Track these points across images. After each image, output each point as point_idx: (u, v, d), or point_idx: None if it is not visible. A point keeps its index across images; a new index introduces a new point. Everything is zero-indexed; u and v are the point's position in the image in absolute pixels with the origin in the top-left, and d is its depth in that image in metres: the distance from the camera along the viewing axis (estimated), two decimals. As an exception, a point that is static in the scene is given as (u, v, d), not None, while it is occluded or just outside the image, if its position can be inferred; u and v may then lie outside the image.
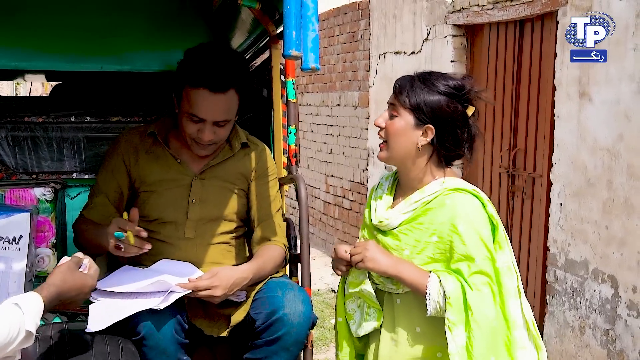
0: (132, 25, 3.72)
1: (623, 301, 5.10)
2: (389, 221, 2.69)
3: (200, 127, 2.91)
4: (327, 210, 10.20)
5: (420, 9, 7.64)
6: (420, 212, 2.63)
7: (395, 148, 2.66)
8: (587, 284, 5.43)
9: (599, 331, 5.34)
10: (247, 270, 2.85)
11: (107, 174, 3.08)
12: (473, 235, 2.54)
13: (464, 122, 2.63)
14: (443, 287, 2.53)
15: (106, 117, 3.71)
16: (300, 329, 2.77)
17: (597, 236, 5.29)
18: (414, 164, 2.66)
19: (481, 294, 2.51)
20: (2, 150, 3.56)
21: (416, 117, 2.60)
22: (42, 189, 3.35)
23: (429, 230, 2.60)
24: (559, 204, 5.68)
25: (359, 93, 9.15)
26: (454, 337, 2.51)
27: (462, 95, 2.61)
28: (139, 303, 2.67)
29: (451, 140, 2.62)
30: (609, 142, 5.17)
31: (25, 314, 1.93)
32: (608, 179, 5.19)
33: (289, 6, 2.20)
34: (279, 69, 3.26)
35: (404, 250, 2.64)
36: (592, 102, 5.32)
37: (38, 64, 3.95)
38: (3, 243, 2.78)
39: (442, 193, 2.61)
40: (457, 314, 2.51)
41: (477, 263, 2.53)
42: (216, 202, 3.06)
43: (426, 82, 2.62)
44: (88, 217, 3.06)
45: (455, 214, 2.56)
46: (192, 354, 2.82)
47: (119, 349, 2.62)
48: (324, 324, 7.27)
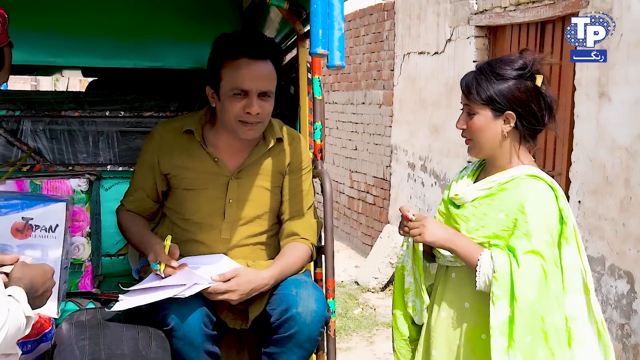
0: (165, 24, 3.74)
1: (639, 297, 5.07)
2: (464, 195, 2.71)
3: (246, 103, 2.82)
4: (351, 205, 10.20)
5: (444, 10, 7.61)
6: (495, 191, 2.64)
7: (483, 142, 2.67)
8: (604, 280, 5.40)
9: (615, 325, 5.31)
10: (268, 277, 2.81)
11: (143, 170, 3.06)
12: (538, 218, 2.53)
13: (538, 95, 2.63)
14: (494, 262, 2.53)
15: (139, 112, 3.72)
16: (312, 328, 2.75)
17: (614, 233, 5.26)
18: (500, 149, 2.66)
19: (526, 273, 2.50)
20: (40, 143, 3.59)
21: (492, 109, 2.61)
22: (77, 180, 3.36)
23: (498, 207, 2.61)
24: (577, 201, 5.65)
25: (384, 92, 9.13)
26: (496, 310, 2.51)
27: (527, 73, 2.61)
28: (165, 292, 2.68)
29: (532, 117, 2.62)
30: (627, 141, 5.13)
31: (21, 302, 1.95)
32: (626, 177, 5.16)
33: (316, 5, 2.20)
34: (306, 67, 3.26)
35: (470, 221, 2.66)
36: (611, 102, 5.28)
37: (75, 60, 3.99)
38: (40, 231, 2.80)
39: (520, 177, 2.62)
40: (502, 288, 2.51)
41: (533, 242, 2.52)
42: (253, 202, 2.99)
43: (491, 73, 2.62)
44: (129, 209, 3.08)
45: (527, 196, 2.56)
46: (220, 341, 2.83)
47: (149, 334, 2.64)
48: (347, 314, 7.28)
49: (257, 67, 2.84)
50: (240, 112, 2.84)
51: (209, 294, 2.71)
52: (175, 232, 2.95)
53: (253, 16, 3.70)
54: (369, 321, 7.13)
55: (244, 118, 2.85)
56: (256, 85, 2.83)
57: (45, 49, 3.68)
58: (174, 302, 2.66)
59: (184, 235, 2.96)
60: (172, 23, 3.73)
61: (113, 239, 3.44)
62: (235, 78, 2.82)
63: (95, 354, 2.46)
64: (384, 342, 6.44)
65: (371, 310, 7.46)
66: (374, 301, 7.73)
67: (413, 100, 8.39)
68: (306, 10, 3.07)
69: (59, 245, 2.78)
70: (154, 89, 3.89)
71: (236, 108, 2.84)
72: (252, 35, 2.96)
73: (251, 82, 2.82)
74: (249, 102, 2.82)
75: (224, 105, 2.87)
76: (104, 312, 2.80)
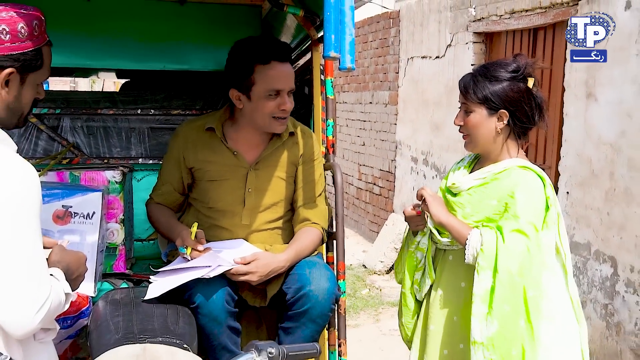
0: (191, 31, 3.73)
1: (621, 279, 5.05)
2: (460, 184, 2.73)
3: (279, 101, 2.87)
4: (359, 195, 10.19)
5: (444, 18, 7.58)
6: (488, 180, 2.66)
7: (478, 138, 2.68)
8: (590, 264, 5.38)
9: (599, 305, 5.29)
10: (284, 260, 2.82)
11: (170, 166, 3.06)
12: (527, 202, 2.55)
13: (529, 96, 2.65)
14: (482, 237, 2.55)
15: (168, 110, 3.72)
16: (324, 304, 2.76)
17: (600, 221, 5.24)
18: (494, 145, 2.68)
19: (510, 249, 2.51)
20: (78, 138, 3.60)
21: (487, 108, 2.63)
22: (112, 172, 3.37)
23: (491, 194, 2.64)
24: (566, 192, 5.63)
25: (389, 92, 9.11)
26: (480, 280, 2.53)
27: (520, 75, 2.63)
28: (191, 273, 2.69)
29: (523, 116, 2.64)
30: (611, 137, 5.12)
31: (60, 281, 1.96)
32: (610, 170, 5.14)
33: (329, 13, 2.19)
34: (319, 69, 3.25)
35: (466, 207, 2.68)
36: (597, 102, 5.26)
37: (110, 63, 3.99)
38: (78, 218, 2.81)
39: (512, 168, 2.64)
40: (487, 260, 2.53)
41: (520, 223, 2.53)
42: (269, 191, 3.00)
43: (486, 75, 2.64)
44: (158, 202, 3.08)
45: (517, 184, 2.58)
46: (240, 317, 2.84)
47: (177, 311, 2.65)
48: (356, 294, 7.29)
49: (285, 68, 2.89)
50: (275, 110, 2.88)
51: (231, 275, 2.73)
52: (200, 219, 2.96)
53: (271, 23, 3.69)
54: (375, 301, 7.13)
55: (278, 114, 2.90)
56: (287, 84, 2.89)
57: (83, 52, 3.68)
58: (200, 282, 2.67)
59: (208, 222, 2.98)
60: (198, 29, 3.72)
61: (144, 225, 3.45)
62: (270, 80, 2.85)
63: (128, 329, 2.47)
64: (389, 319, 6.45)
65: (377, 290, 7.46)
66: (380, 283, 7.74)
67: (416, 100, 8.37)
68: (320, 17, 3.06)
69: (96, 231, 2.79)
70: (181, 89, 3.89)
71: (271, 106, 2.88)
72: (274, 40, 3.01)
73: (283, 83, 2.87)
74: (282, 100, 2.88)
75: (257, 105, 2.88)
76: (136, 291, 2.80)
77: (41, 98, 2.09)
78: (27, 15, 1.96)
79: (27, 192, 1.85)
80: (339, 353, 2.92)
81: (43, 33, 2.02)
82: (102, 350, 2.32)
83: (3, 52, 1.92)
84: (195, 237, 2.79)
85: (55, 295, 1.90)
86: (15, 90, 1.97)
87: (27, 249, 1.84)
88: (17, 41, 1.93)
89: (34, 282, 1.84)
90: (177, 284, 2.67)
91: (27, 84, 2.00)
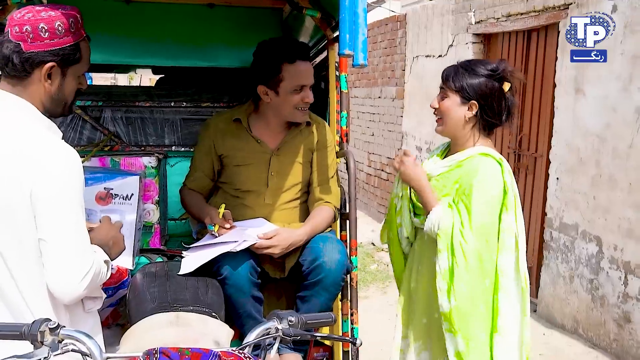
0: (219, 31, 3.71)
1: (606, 257, 5.02)
2: (431, 171, 2.75)
3: (303, 94, 2.90)
4: (368, 180, 10.17)
5: (447, 21, 7.52)
6: (453, 167, 2.67)
7: (448, 122, 2.68)
8: (577, 243, 5.35)
9: (585, 280, 5.26)
10: (303, 234, 2.84)
11: (201, 155, 3.07)
12: (482, 189, 2.55)
13: (501, 96, 2.64)
14: (440, 221, 2.57)
15: (198, 103, 3.71)
16: (336, 274, 2.77)
17: (586, 205, 5.21)
18: (462, 132, 2.67)
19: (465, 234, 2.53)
20: (118, 128, 3.60)
21: (461, 96, 2.63)
22: (148, 158, 3.37)
23: (454, 179, 2.64)
24: (556, 178, 5.59)
25: (396, 88, 9.07)
26: (439, 260, 2.58)
27: (497, 75, 2.62)
28: (220, 248, 2.69)
29: (491, 111, 2.64)
30: (597, 129, 5.08)
31: (97, 252, 1.97)
32: (596, 159, 5.10)
33: (344, 15, 2.18)
34: (334, 66, 3.23)
35: (434, 192, 2.68)
36: (585, 97, 5.22)
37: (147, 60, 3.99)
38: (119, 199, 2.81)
39: (474, 156, 2.63)
40: (443, 243, 2.57)
41: (472, 210, 2.54)
42: (289, 174, 3.02)
43: (467, 68, 2.65)
44: (191, 188, 3.08)
45: (477, 171, 2.58)
46: (263, 289, 2.84)
47: (207, 282, 2.65)
48: (365, 269, 7.28)
49: (308, 66, 2.94)
50: (300, 102, 2.92)
51: (255, 248, 2.74)
52: (227, 200, 2.98)
53: (290, 24, 3.66)
54: (382, 275, 7.12)
55: (301, 106, 2.93)
56: (309, 80, 2.93)
57: (123, 51, 3.68)
58: (226, 256, 2.68)
59: (235, 201, 2.99)
60: (225, 30, 3.70)
61: (177, 206, 3.45)
62: (296, 77, 2.87)
63: (163, 299, 2.47)
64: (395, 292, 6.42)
65: (385, 266, 7.45)
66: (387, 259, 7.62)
67: (420, 95, 8.32)
68: (335, 19, 3.04)
69: (134, 211, 2.78)
70: (209, 84, 3.88)
71: (296, 99, 2.91)
72: (297, 41, 3.03)
73: (307, 79, 2.91)
74: (305, 94, 2.91)
75: (284, 99, 2.91)
76: (170, 264, 2.81)
77: (84, 88, 2.09)
78: (64, 14, 1.96)
79: (70, 173, 1.87)
80: (351, 321, 2.92)
81: (80, 29, 2.01)
82: (140, 317, 2.33)
83: (44, 48, 1.93)
84: (222, 216, 2.81)
85: (97, 263, 1.92)
86: (58, 82, 1.98)
87: (72, 223, 1.86)
88: (55, 37, 1.94)
89: (79, 252, 1.86)
90: (208, 259, 2.67)
91: (69, 76, 2.00)
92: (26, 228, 1.83)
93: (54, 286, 1.85)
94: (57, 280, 1.84)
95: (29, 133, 1.88)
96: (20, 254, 1.85)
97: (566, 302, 5.50)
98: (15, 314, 1.86)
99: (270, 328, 1.74)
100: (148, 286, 2.58)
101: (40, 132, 1.91)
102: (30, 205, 1.82)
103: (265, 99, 2.95)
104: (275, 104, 2.94)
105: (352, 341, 1.92)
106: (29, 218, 1.83)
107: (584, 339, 5.28)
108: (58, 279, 1.84)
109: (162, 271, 2.72)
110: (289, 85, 2.88)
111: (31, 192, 1.82)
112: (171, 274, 2.68)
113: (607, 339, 5.03)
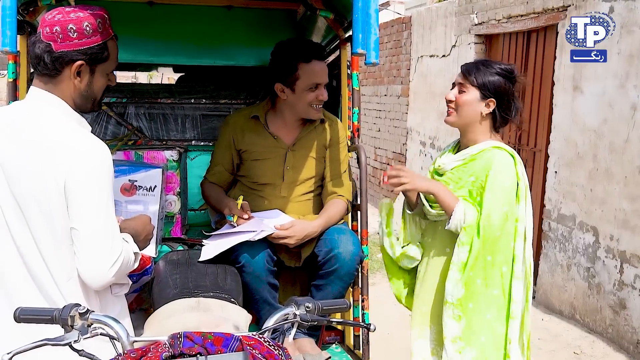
0: (236, 32, 3.69)
1: (602, 246, 4.98)
2: (444, 165, 2.70)
3: (317, 92, 2.87)
4: (375, 174, 10.15)
5: (450, 22, 7.47)
6: (467, 160, 2.62)
7: (463, 115, 2.62)
8: (574, 233, 5.31)
9: (582, 269, 5.23)
10: (317, 225, 2.82)
11: (221, 150, 3.05)
12: (498, 180, 2.51)
13: (514, 96, 2.62)
14: (465, 216, 2.51)
15: (217, 100, 3.69)
16: (350, 264, 2.75)
17: (583, 197, 5.17)
18: (475, 127, 2.63)
19: (486, 229, 2.49)
20: (141, 123, 3.59)
21: (482, 93, 2.58)
22: (170, 152, 3.35)
23: (469, 172, 2.59)
24: (554, 171, 5.55)
25: (401, 86, 9.03)
26: (459, 252, 2.53)
27: (512, 76, 2.60)
28: (238, 237, 2.68)
29: (506, 110, 2.61)
30: (594, 125, 5.03)
31: (129, 243, 1.97)
32: (593, 153, 5.06)
33: (357, 15, 2.15)
34: (346, 65, 3.20)
35: (449, 184, 2.63)
36: (582, 94, 5.17)
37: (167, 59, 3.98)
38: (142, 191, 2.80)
39: (487, 149, 2.59)
40: (467, 237, 2.51)
41: (491, 201, 2.50)
42: (304, 168, 3.00)
43: (487, 66, 2.61)
44: (211, 181, 3.07)
45: (491, 163, 2.53)
46: (278, 276, 2.82)
47: (225, 269, 2.64)
48: (372, 257, 7.24)
49: (322, 65, 2.90)
50: (314, 100, 2.89)
51: (272, 238, 2.72)
52: (245, 192, 2.97)
53: (304, 25, 3.63)
54: (389, 262, 7.09)
55: (315, 103, 2.91)
56: (324, 79, 2.90)
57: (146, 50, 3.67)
58: (244, 245, 2.66)
59: (252, 194, 2.97)
60: (242, 30, 3.68)
61: (197, 197, 3.43)
62: (312, 75, 2.85)
63: (184, 285, 2.46)
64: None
65: (391, 254, 7.42)
66: (393, 248, 7.68)
67: (425, 93, 8.29)
68: (347, 19, 3.01)
69: (157, 202, 2.78)
70: (227, 82, 3.86)
71: (311, 97, 2.88)
72: (312, 42, 3.00)
73: (322, 77, 2.88)
74: (320, 92, 2.89)
75: (300, 96, 2.88)
76: (190, 253, 2.80)
77: (113, 85, 2.08)
78: (93, 14, 1.95)
79: (102, 165, 1.87)
80: (362, 307, 2.91)
81: (108, 29, 1.99)
82: (163, 302, 2.32)
83: (72, 48, 1.92)
84: (240, 207, 2.80)
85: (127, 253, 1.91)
86: (87, 79, 1.97)
87: (103, 212, 1.86)
88: (83, 37, 1.93)
89: (109, 240, 1.86)
90: (227, 247, 2.65)
91: (97, 74, 1.99)
92: (59, 218, 1.83)
93: (85, 273, 1.85)
94: (87, 267, 1.84)
95: (62, 127, 1.88)
96: (54, 243, 1.85)
97: (564, 289, 5.47)
98: (49, 300, 1.86)
99: (288, 314, 1.72)
100: (170, 273, 2.56)
101: (72, 126, 1.91)
102: (64, 195, 1.82)
103: (282, 96, 2.93)
104: (291, 101, 2.92)
105: (366, 326, 1.90)
106: (62, 208, 1.83)
107: (580, 325, 5.24)
108: (88, 266, 1.84)
109: (183, 259, 2.71)
110: (304, 83, 2.85)
111: (65, 183, 1.82)
112: (192, 262, 2.67)
113: (603, 325, 5.00)
